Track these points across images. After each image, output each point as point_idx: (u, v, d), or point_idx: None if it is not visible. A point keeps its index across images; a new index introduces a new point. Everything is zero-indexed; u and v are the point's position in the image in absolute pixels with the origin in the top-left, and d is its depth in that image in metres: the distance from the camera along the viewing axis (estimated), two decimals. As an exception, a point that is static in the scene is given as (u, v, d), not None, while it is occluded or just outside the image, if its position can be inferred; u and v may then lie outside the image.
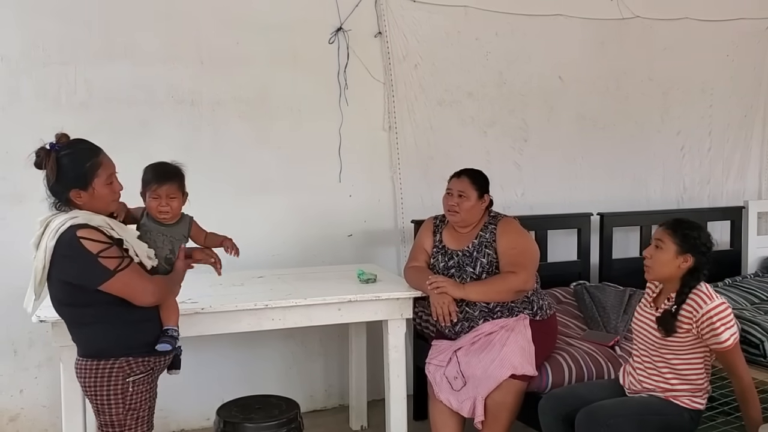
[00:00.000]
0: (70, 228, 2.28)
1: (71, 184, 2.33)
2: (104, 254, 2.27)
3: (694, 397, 2.69)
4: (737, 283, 4.56)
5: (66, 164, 2.32)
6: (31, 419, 3.77)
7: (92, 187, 2.35)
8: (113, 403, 2.39)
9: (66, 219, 2.30)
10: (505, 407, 3.05)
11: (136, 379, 2.42)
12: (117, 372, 2.38)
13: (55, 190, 2.36)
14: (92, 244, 2.27)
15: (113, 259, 2.29)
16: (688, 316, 2.62)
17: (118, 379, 2.38)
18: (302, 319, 3.19)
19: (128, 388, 2.40)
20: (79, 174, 2.33)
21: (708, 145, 5.14)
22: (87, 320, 2.39)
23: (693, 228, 2.67)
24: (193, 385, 3.93)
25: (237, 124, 3.98)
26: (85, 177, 2.34)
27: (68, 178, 2.33)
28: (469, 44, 4.42)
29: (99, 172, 2.36)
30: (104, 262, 2.27)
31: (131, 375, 2.40)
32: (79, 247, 2.26)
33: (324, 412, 4.24)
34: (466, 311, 3.24)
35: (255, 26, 3.97)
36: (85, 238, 2.27)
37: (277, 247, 4.08)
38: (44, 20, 3.63)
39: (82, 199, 2.35)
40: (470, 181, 3.31)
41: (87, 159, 2.35)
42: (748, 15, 5.10)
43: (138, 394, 2.43)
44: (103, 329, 2.38)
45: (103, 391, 2.38)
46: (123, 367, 2.39)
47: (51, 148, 2.33)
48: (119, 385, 2.38)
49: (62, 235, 2.27)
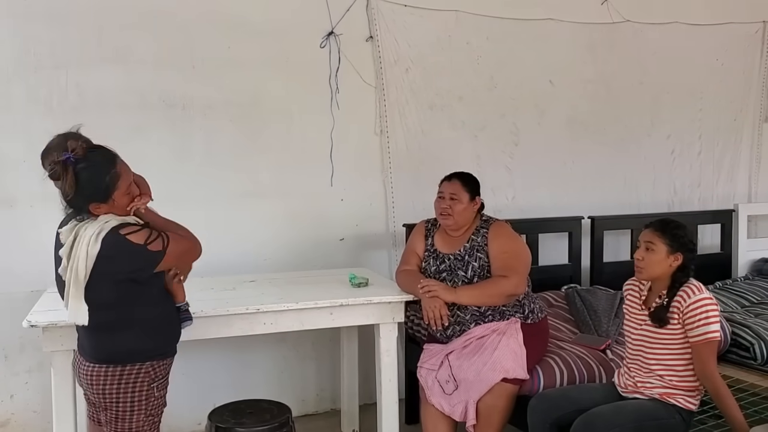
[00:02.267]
0: (111, 230, 2.29)
1: (91, 198, 2.30)
2: (150, 240, 2.32)
3: (688, 397, 2.74)
4: (727, 286, 4.59)
5: (84, 179, 2.26)
6: (21, 425, 3.75)
7: (112, 199, 2.33)
8: (136, 410, 2.38)
9: (101, 224, 2.30)
10: (496, 411, 3.06)
11: (159, 383, 2.44)
12: (143, 377, 2.39)
13: (74, 203, 2.31)
14: (137, 236, 2.31)
15: (157, 241, 2.33)
16: (677, 307, 2.71)
17: (144, 384, 2.39)
18: (294, 324, 3.19)
19: (153, 393, 2.41)
20: (99, 188, 2.30)
21: (698, 148, 5.17)
22: (124, 325, 2.37)
23: (679, 227, 2.78)
24: (185, 390, 3.92)
25: (229, 128, 3.98)
26: (107, 190, 2.31)
27: (88, 192, 2.28)
28: (460, 48, 4.43)
29: (119, 184, 2.33)
30: (152, 247, 2.31)
31: (156, 380, 2.42)
32: (128, 244, 2.29)
33: (316, 416, 4.24)
34: (458, 315, 3.24)
35: (246, 30, 3.97)
36: (130, 233, 2.31)
37: (268, 251, 4.08)
38: (36, 25, 3.62)
39: (101, 210, 2.33)
40: (461, 183, 3.33)
41: (106, 171, 2.31)
42: (738, 19, 5.14)
43: (158, 399, 2.45)
44: (135, 333, 2.38)
45: (127, 398, 2.37)
46: (149, 372, 2.40)
47: (67, 160, 2.24)
48: (144, 391, 2.39)
49: (105, 239, 2.27)
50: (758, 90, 5.29)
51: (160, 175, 3.78)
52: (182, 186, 3.89)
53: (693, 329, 2.67)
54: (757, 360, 3.53)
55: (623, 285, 3.04)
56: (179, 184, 3.88)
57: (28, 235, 3.61)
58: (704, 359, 2.66)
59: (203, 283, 3.49)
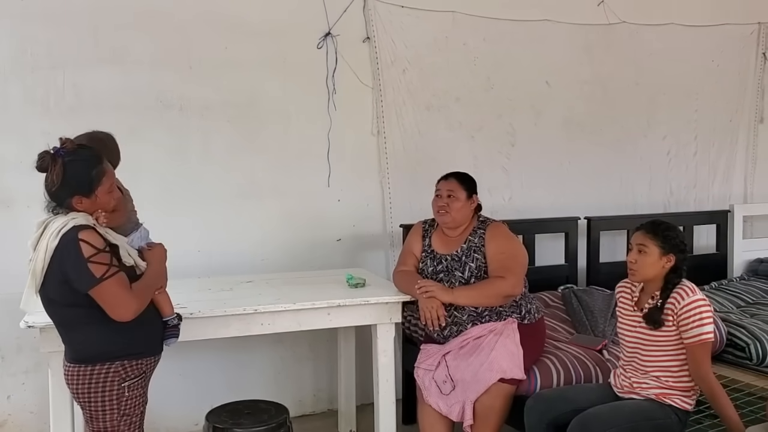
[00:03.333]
0: (72, 228, 2.27)
1: (75, 190, 2.33)
2: (94, 259, 2.25)
3: (684, 398, 2.75)
4: (723, 286, 4.60)
5: (71, 171, 2.31)
6: (18, 425, 3.74)
7: (95, 194, 2.35)
8: (108, 409, 2.37)
9: (67, 220, 2.30)
10: (493, 411, 3.06)
11: (132, 383, 2.40)
12: (112, 377, 2.36)
13: (58, 195, 2.34)
14: (87, 247, 2.25)
15: (101, 266, 2.26)
16: (671, 309, 2.72)
17: (114, 384, 2.37)
18: (291, 324, 3.19)
19: (123, 393, 2.38)
20: (84, 181, 2.34)
21: (694, 149, 5.18)
22: (82, 321, 2.36)
23: (670, 228, 2.79)
24: (182, 390, 3.93)
25: (226, 128, 3.98)
26: (91, 184, 2.34)
27: (73, 184, 2.32)
28: (456, 49, 4.44)
29: (103, 180, 2.37)
30: (92, 268, 2.25)
31: (127, 379, 2.39)
32: (76, 249, 2.25)
33: (313, 416, 4.24)
34: (455, 315, 3.25)
35: (243, 31, 3.97)
36: (84, 240, 2.26)
37: (265, 252, 4.08)
38: (33, 25, 3.61)
39: (83, 205, 2.35)
40: (459, 181, 3.34)
41: (93, 166, 2.35)
42: (733, 21, 5.15)
43: (132, 399, 2.41)
44: (97, 332, 2.35)
45: (97, 397, 2.36)
46: (119, 372, 2.37)
47: (56, 152, 2.31)
48: (114, 391, 2.37)
49: (64, 235, 2.27)
50: (753, 91, 5.31)
51: (158, 176, 3.83)
52: (179, 186, 3.89)
53: (687, 330, 2.68)
54: (753, 360, 3.54)
55: (615, 287, 3.05)
56: (176, 184, 3.88)
57: (25, 236, 3.56)
58: (699, 360, 2.67)
59: (200, 284, 3.50)
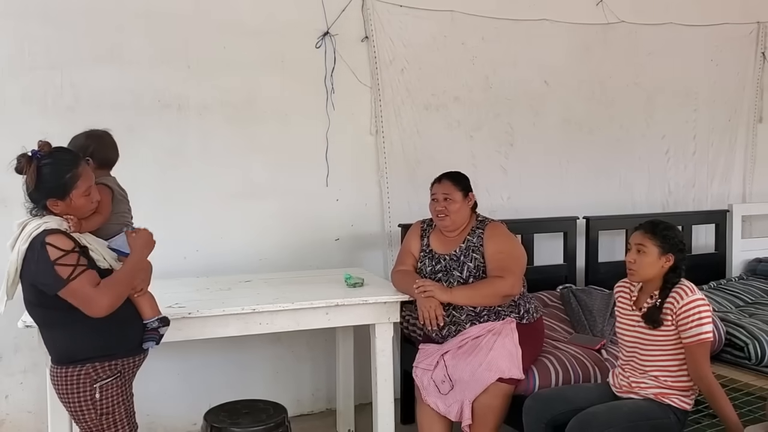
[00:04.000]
0: (42, 232, 2.31)
1: (49, 193, 2.36)
2: (60, 261, 2.27)
3: (683, 397, 2.75)
4: (722, 286, 4.60)
5: (46, 173, 2.34)
6: (16, 425, 3.74)
7: (70, 197, 2.37)
8: (85, 410, 2.41)
9: (40, 223, 2.34)
10: (492, 411, 3.06)
11: (104, 384, 2.42)
12: (84, 378, 2.39)
13: (33, 197, 2.38)
14: (53, 251, 2.27)
15: (68, 267, 2.28)
16: (670, 308, 2.72)
17: (86, 385, 2.39)
18: (290, 324, 3.18)
19: (95, 394, 2.41)
20: (58, 184, 2.36)
21: (693, 149, 5.18)
22: (54, 322, 2.41)
23: (669, 228, 2.79)
24: (180, 390, 3.92)
25: (224, 128, 3.98)
26: (64, 187, 2.36)
27: (47, 187, 2.35)
28: (455, 49, 4.44)
29: (78, 184, 2.38)
30: (58, 270, 2.27)
31: (98, 380, 2.41)
32: (42, 252, 2.27)
33: (311, 416, 4.24)
34: (453, 315, 3.25)
35: (242, 30, 3.97)
36: (50, 244, 2.28)
37: (264, 252, 4.07)
38: (31, 25, 3.61)
39: (59, 207, 2.37)
40: (452, 183, 3.34)
41: (67, 170, 2.36)
42: (732, 20, 5.15)
43: (108, 399, 2.43)
44: (68, 333, 2.39)
45: (73, 398, 2.40)
46: (89, 374, 2.40)
47: (33, 155, 2.35)
48: (87, 392, 2.40)
49: (34, 239, 2.30)
50: (752, 90, 5.31)
51: (156, 176, 3.83)
52: (177, 186, 3.89)
53: (686, 330, 2.68)
54: (752, 360, 3.54)
55: (614, 287, 3.05)
56: (174, 184, 3.88)
57: (23, 236, 3.59)
58: (697, 360, 2.67)
59: (199, 283, 3.49)
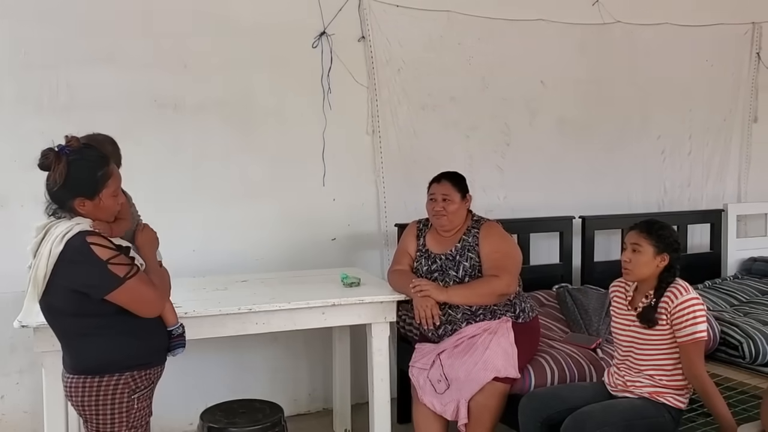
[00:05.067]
0: (79, 234, 2.17)
1: (79, 191, 2.23)
2: (114, 261, 2.17)
3: (678, 396, 2.76)
4: (717, 285, 4.62)
5: (76, 170, 2.20)
6: (12, 425, 3.73)
7: (99, 197, 2.25)
8: (117, 422, 2.28)
9: (72, 225, 2.19)
10: (488, 410, 3.07)
11: (141, 394, 2.32)
12: (122, 388, 2.27)
13: (58, 195, 2.23)
14: (102, 251, 2.17)
15: (123, 266, 2.19)
16: (665, 308, 2.73)
17: (123, 396, 2.28)
18: (286, 323, 3.18)
19: (133, 405, 2.30)
20: (89, 183, 2.23)
21: (688, 148, 5.20)
22: (89, 331, 2.26)
23: (664, 228, 2.81)
24: (177, 390, 3.91)
25: (220, 128, 3.98)
26: (95, 186, 2.24)
27: (76, 185, 2.22)
28: (451, 49, 4.44)
29: (109, 183, 2.27)
30: (114, 269, 2.17)
31: (137, 391, 2.31)
32: (89, 253, 2.15)
33: (308, 415, 4.24)
34: (449, 314, 3.25)
35: (238, 30, 3.97)
36: (96, 244, 2.17)
37: (260, 251, 4.07)
38: (27, 24, 3.60)
39: (86, 208, 2.24)
40: (452, 183, 3.34)
41: (99, 168, 2.25)
42: (727, 20, 5.17)
43: (141, 410, 2.33)
44: (105, 342, 2.27)
45: (106, 410, 2.26)
46: (128, 383, 2.28)
47: (60, 150, 2.20)
48: (124, 403, 2.28)
49: (70, 240, 2.15)
50: (747, 91, 5.33)
51: (152, 175, 3.82)
52: (174, 186, 3.88)
53: (681, 329, 2.69)
54: (746, 359, 3.55)
55: (609, 286, 3.06)
56: (171, 184, 3.88)
57: (19, 235, 3.51)
58: (692, 359, 2.68)
59: (195, 283, 3.49)
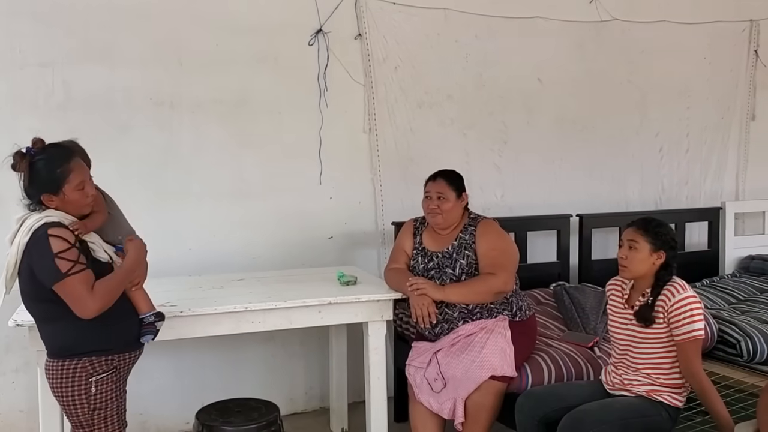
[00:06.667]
0: (43, 225, 2.35)
1: (43, 188, 2.40)
2: (62, 255, 2.31)
3: (675, 394, 2.76)
4: (715, 283, 4.62)
5: (38, 169, 2.39)
6: (8, 424, 3.72)
7: (63, 192, 2.40)
8: (78, 404, 2.43)
9: (41, 217, 2.38)
10: (485, 408, 3.06)
11: (99, 378, 2.44)
12: (80, 372, 2.42)
13: (28, 192, 2.44)
14: (57, 243, 2.31)
15: (68, 262, 2.31)
16: (662, 306, 2.73)
17: (81, 379, 2.42)
18: (282, 322, 3.18)
19: (91, 388, 2.43)
20: (50, 179, 2.40)
21: (686, 146, 5.19)
22: (52, 316, 2.42)
23: (661, 225, 2.81)
24: (173, 389, 3.91)
25: (216, 126, 3.97)
26: (56, 182, 2.40)
27: (40, 182, 2.40)
28: (448, 46, 4.43)
29: (70, 178, 2.41)
30: (59, 263, 2.30)
31: (94, 375, 2.43)
32: (45, 244, 2.31)
33: (304, 414, 4.23)
34: (446, 313, 3.25)
35: (234, 28, 3.95)
36: (53, 236, 2.32)
37: (257, 250, 4.07)
38: (21, 22, 3.59)
39: (54, 202, 2.41)
40: (447, 182, 3.33)
41: (58, 165, 2.40)
42: (725, 18, 5.16)
43: (102, 394, 2.45)
44: (65, 327, 2.41)
45: (67, 392, 2.42)
46: (86, 367, 2.42)
47: (27, 152, 2.40)
48: (82, 386, 2.42)
49: (36, 231, 2.34)
50: (745, 88, 5.33)
51: (148, 174, 3.82)
52: (170, 185, 3.87)
53: (678, 328, 2.68)
54: (744, 357, 3.55)
55: (606, 284, 3.06)
56: (167, 182, 3.87)
57: (15, 234, 3.57)
58: (689, 357, 2.68)
59: (191, 282, 3.48)
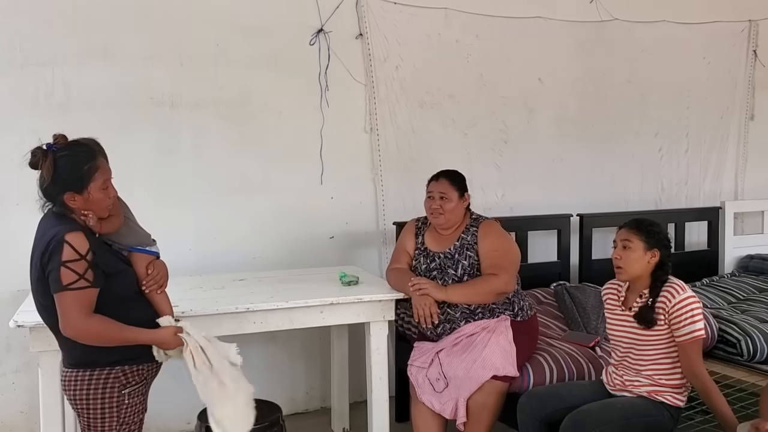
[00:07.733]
0: (62, 228, 2.22)
1: (67, 186, 2.26)
2: (69, 265, 2.18)
3: (676, 394, 2.76)
4: (714, 282, 4.62)
5: (63, 166, 2.25)
6: (8, 425, 3.72)
7: (88, 190, 2.28)
8: (107, 417, 2.29)
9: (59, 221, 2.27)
10: (486, 408, 3.06)
11: (132, 390, 2.33)
12: (113, 383, 2.29)
13: (49, 191, 2.29)
14: (68, 251, 2.18)
15: (72, 274, 2.18)
16: (662, 307, 2.73)
17: (114, 390, 2.29)
18: (284, 322, 3.17)
19: (124, 400, 2.30)
20: (76, 177, 2.26)
21: (685, 146, 5.20)
22: None
23: (653, 224, 2.83)
24: (174, 389, 3.88)
25: (217, 125, 3.96)
26: (82, 180, 2.27)
27: (64, 180, 2.26)
28: (449, 46, 4.44)
29: (96, 176, 2.29)
30: (63, 273, 2.17)
31: (127, 386, 2.32)
32: (58, 249, 2.18)
33: (306, 414, 4.23)
34: (448, 313, 3.25)
35: (235, 27, 3.95)
36: (68, 243, 2.19)
37: (258, 250, 4.06)
38: (21, 21, 3.58)
39: (76, 202, 2.28)
40: (450, 182, 3.33)
41: (85, 162, 2.28)
42: (724, 18, 5.18)
43: (132, 407, 2.34)
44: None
45: (96, 404, 2.28)
46: (119, 378, 2.30)
47: (48, 148, 2.26)
48: (114, 398, 2.29)
49: (53, 235, 2.22)
50: (744, 88, 5.34)
51: (149, 174, 3.81)
52: (171, 184, 3.87)
53: (679, 329, 2.69)
54: (744, 356, 3.55)
55: (602, 288, 3.06)
56: (168, 182, 3.86)
57: (15, 234, 3.56)
58: (691, 357, 2.69)
59: (192, 282, 3.48)
